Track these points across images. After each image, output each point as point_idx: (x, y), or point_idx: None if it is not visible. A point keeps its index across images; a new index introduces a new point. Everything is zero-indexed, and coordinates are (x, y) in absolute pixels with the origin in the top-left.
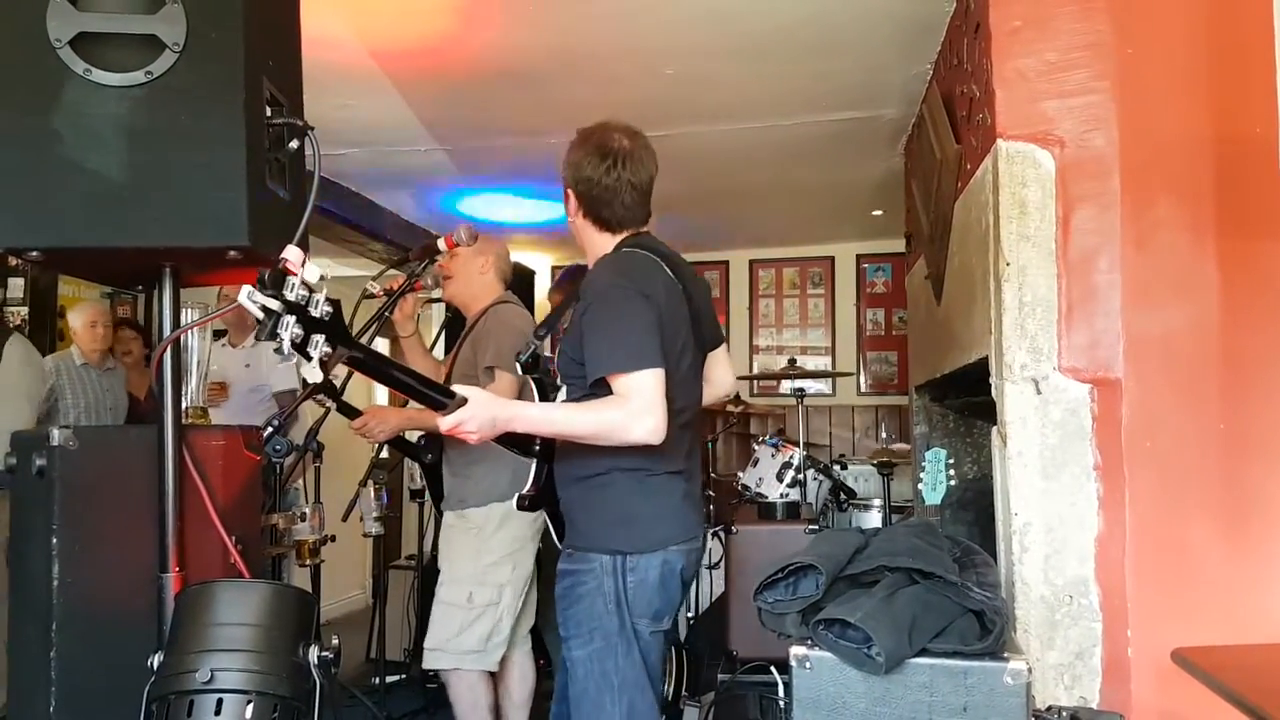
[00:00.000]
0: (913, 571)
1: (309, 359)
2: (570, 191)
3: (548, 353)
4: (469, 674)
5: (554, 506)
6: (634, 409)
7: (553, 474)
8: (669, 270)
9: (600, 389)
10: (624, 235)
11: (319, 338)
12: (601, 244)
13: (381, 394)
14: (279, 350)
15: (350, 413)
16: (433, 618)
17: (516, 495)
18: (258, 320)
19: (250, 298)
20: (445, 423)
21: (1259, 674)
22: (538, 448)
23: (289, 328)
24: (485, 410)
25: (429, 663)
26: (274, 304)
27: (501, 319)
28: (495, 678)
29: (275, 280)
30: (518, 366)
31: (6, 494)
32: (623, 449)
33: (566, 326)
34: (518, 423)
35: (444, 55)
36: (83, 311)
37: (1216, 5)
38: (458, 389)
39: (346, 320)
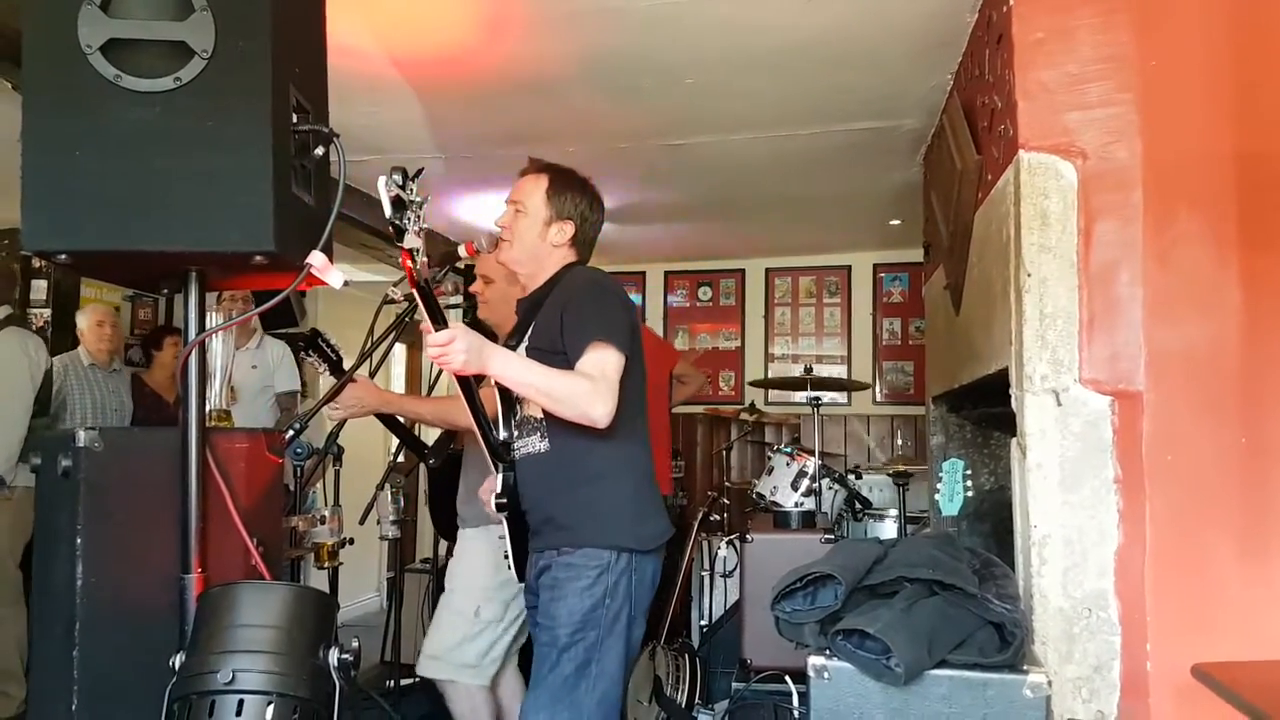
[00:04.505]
0: (932, 583)
1: (415, 255)
2: (571, 224)
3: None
4: (466, 687)
5: (516, 524)
6: (601, 388)
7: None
8: None
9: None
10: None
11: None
12: (561, 260)
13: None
14: (399, 234)
15: (339, 373)
16: (436, 623)
17: (494, 497)
18: (387, 204)
19: (387, 186)
20: (436, 338)
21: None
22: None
23: (415, 222)
24: (476, 339)
25: (424, 669)
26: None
27: None
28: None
29: (406, 176)
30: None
31: (11, 494)
32: (619, 447)
33: (531, 333)
34: (498, 361)
35: (466, 65)
36: (90, 312)
37: (1240, 19)
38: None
39: (365, 327)
